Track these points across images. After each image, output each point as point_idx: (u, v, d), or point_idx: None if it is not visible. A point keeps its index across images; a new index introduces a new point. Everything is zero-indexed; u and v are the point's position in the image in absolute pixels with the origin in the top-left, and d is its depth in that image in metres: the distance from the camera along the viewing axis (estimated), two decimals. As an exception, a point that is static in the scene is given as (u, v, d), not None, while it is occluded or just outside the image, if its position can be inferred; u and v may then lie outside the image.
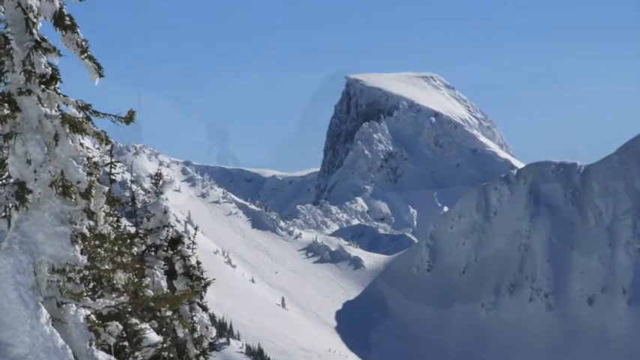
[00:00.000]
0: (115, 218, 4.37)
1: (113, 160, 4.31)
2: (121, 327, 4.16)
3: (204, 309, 4.95)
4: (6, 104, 3.67)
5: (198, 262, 5.07)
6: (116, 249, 4.12)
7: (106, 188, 4.15)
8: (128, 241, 4.45)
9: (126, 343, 4.35)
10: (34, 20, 3.77)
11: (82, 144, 3.88)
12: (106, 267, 4.08)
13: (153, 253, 4.90)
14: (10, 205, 3.64)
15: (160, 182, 5.19)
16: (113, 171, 4.34)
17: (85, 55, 3.91)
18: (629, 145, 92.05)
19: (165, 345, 4.56)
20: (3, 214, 3.69)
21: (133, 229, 4.89)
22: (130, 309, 4.20)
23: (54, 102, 3.80)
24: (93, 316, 3.95)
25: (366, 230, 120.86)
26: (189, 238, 5.29)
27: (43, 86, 3.73)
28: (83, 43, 3.89)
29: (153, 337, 4.54)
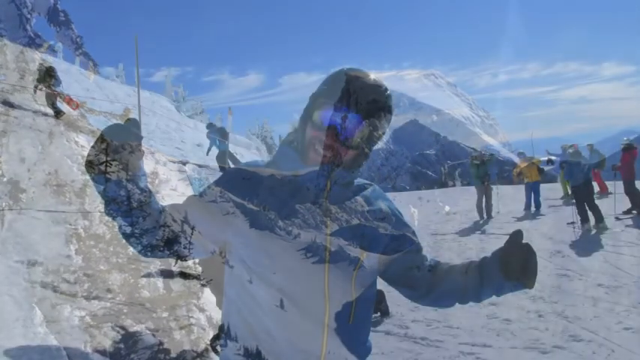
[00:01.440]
0: (111, 218, 4.31)
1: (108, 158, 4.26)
2: (116, 328, 4.12)
3: (201, 310, 4.90)
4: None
5: (196, 263, 5.02)
6: (111, 249, 4.08)
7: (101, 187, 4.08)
8: (123, 241, 4.40)
9: (121, 345, 4.30)
10: (28, 16, 3.73)
11: (76, 142, 3.82)
12: (101, 267, 4.04)
13: (149, 254, 4.85)
14: (4, 204, 3.58)
15: (157, 181, 5.14)
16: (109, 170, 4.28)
17: (80, 51, 3.87)
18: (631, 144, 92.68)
19: (161, 347, 4.51)
20: (-4, 213, 3.63)
21: (128, 229, 4.83)
22: (125, 310, 4.15)
23: (49, 99, 3.74)
24: (88, 318, 3.89)
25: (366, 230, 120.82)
26: (186, 238, 5.23)
27: (37, 83, 3.68)
28: (78, 40, 3.85)
29: (149, 338, 4.50)
